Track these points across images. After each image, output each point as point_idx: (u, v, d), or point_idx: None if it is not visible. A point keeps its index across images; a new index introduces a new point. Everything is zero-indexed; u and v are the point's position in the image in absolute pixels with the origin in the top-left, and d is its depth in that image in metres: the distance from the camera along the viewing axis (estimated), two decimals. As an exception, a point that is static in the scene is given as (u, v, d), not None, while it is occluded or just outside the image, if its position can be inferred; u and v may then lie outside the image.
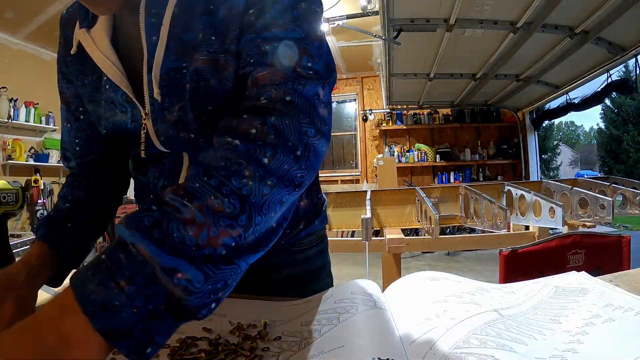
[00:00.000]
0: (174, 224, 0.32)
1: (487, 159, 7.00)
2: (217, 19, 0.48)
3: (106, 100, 0.57)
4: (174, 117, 0.53)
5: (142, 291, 0.30)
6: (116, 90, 0.55)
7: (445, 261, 5.09)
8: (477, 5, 3.29)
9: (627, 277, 0.55)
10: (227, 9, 0.48)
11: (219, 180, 0.34)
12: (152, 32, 0.50)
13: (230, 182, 0.34)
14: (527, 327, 0.42)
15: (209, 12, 0.49)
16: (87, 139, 0.66)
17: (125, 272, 0.30)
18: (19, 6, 3.92)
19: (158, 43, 0.50)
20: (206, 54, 0.49)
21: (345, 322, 0.45)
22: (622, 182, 2.32)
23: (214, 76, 0.49)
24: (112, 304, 0.29)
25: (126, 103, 0.55)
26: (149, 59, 0.51)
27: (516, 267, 1.20)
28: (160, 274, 0.31)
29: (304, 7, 0.45)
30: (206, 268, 0.32)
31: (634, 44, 3.78)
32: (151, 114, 0.54)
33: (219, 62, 0.49)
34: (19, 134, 4.60)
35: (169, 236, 0.31)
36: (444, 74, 5.10)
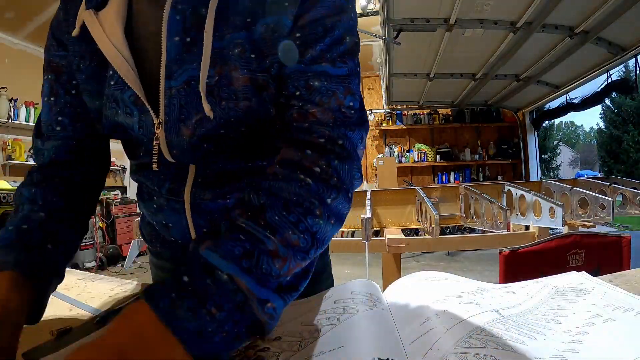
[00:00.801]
0: (263, 257, 0.34)
1: (487, 159, 7.00)
2: (255, 35, 0.45)
3: (108, 97, 0.51)
4: (190, 131, 0.49)
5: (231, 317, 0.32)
6: (123, 89, 0.49)
7: (445, 261, 5.09)
8: (477, 5, 3.29)
9: (627, 277, 0.55)
10: (266, 27, 0.45)
11: (296, 217, 0.37)
12: (175, 32, 0.46)
13: (305, 220, 0.38)
14: (527, 327, 0.42)
15: (246, 26, 0.45)
16: (75, 118, 0.55)
17: (215, 299, 0.31)
18: (19, 6, 3.92)
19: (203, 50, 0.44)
20: (246, 72, 0.46)
21: (345, 322, 0.45)
22: (622, 182, 2.32)
23: (255, 96, 0.47)
24: (206, 331, 0.30)
25: (133, 105, 0.50)
26: (169, 62, 0.46)
27: (516, 267, 1.20)
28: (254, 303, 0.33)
29: (349, 40, 0.46)
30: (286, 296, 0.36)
31: (634, 44, 3.78)
32: (164, 124, 0.49)
33: (258, 81, 0.46)
34: (19, 134, 4.60)
35: (258, 267, 0.34)
36: (444, 74, 5.10)
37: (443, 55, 4.36)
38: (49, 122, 0.55)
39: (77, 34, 0.50)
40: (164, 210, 0.59)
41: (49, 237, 0.48)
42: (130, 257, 3.00)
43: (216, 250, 0.34)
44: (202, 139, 0.49)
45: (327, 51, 0.45)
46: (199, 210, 0.56)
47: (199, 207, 0.56)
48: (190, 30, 0.46)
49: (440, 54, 4.33)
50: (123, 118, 0.51)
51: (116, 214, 5.22)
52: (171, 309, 0.30)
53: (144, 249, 5.31)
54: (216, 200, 0.55)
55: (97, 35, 0.48)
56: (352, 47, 0.47)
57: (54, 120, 0.55)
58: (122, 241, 5.14)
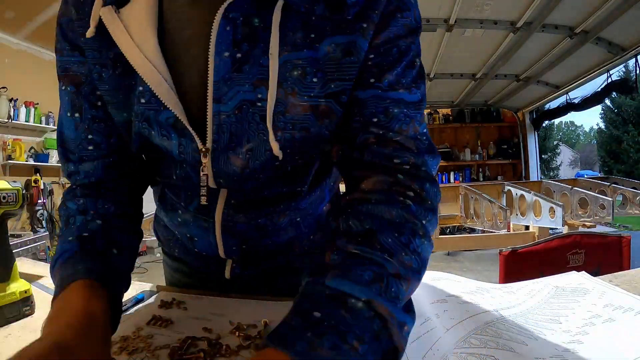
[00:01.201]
0: (392, 280, 0.33)
1: (487, 159, 7.01)
2: (320, 55, 0.39)
3: (138, 115, 0.43)
4: (241, 161, 0.44)
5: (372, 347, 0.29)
6: (159, 110, 0.41)
7: (445, 261, 5.09)
8: (477, 5, 3.29)
9: (627, 277, 0.55)
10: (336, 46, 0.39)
11: (407, 239, 0.36)
12: (224, 45, 0.38)
13: (414, 240, 0.36)
14: (527, 327, 0.42)
15: (309, 44, 0.39)
16: (107, 134, 0.48)
17: (355, 331, 0.29)
18: (19, 6, 3.92)
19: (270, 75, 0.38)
20: (307, 99, 0.40)
21: (345, 322, 0.45)
22: (622, 182, 2.32)
23: (314, 125, 0.42)
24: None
25: (172, 128, 0.43)
26: (217, 83, 0.39)
27: (516, 267, 1.20)
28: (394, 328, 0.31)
29: (418, 63, 0.44)
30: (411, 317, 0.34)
31: (634, 44, 3.78)
32: (212, 152, 0.43)
33: (320, 108, 0.41)
34: (19, 134, 4.60)
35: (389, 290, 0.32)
36: (444, 74, 5.11)
37: (443, 55, 4.36)
38: (79, 142, 0.48)
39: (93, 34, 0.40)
40: (189, 225, 0.56)
41: (112, 244, 0.45)
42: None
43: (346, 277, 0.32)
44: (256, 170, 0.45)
45: (402, 76, 0.42)
46: (230, 230, 0.53)
47: (231, 228, 0.53)
48: (241, 44, 0.39)
49: (440, 54, 4.33)
50: (159, 140, 0.45)
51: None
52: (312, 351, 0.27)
53: (144, 248, 5.32)
54: (249, 222, 0.53)
55: (121, 41, 0.39)
56: (422, 71, 0.45)
57: (84, 140, 0.48)
58: (122, 241, 5.14)
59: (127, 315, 0.55)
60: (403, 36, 0.41)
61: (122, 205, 0.49)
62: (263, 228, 0.54)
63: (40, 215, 4.54)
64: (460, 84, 5.57)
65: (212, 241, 0.55)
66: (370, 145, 0.42)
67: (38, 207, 4.52)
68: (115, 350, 0.44)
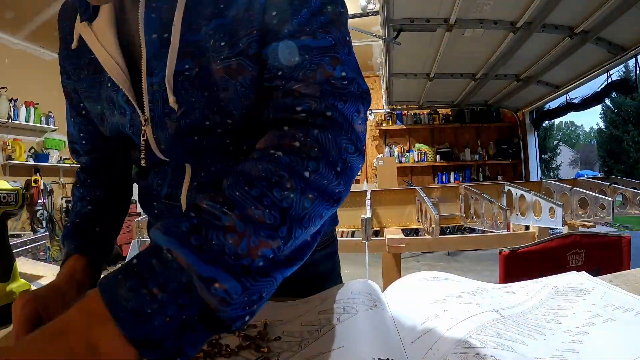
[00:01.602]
0: (213, 232, 0.31)
1: (487, 159, 7.00)
2: (227, 20, 0.44)
3: (106, 99, 0.54)
4: (175, 124, 0.50)
5: (176, 300, 0.29)
6: (117, 90, 0.51)
7: (445, 261, 5.09)
8: (477, 5, 3.29)
9: (627, 277, 0.55)
10: (238, 8, 0.44)
11: (260, 191, 0.33)
12: (152, 29, 0.47)
13: (271, 194, 0.34)
14: (527, 327, 0.42)
15: (219, 12, 0.44)
16: (92, 136, 0.65)
17: (158, 279, 0.29)
18: (19, 6, 3.92)
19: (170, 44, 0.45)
20: (219, 62, 0.45)
21: (345, 322, 0.45)
22: (622, 182, 2.32)
23: (230, 85, 0.46)
24: (144, 312, 0.28)
25: (126, 105, 0.52)
26: (149, 60, 0.48)
27: (516, 267, 1.20)
28: (197, 282, 0.29)
29: (330, 10, 0.43)
30: (244, 279, 0.31)
31: (634, 44, 3.78)
32: (151, 121, 0.51)
33: (231, 67, 0.45)
34: (19, 134, 4.60)
35: (208, 244, 0.30)
36: (444, 74, 5.10)
37: (443, 55, 4.36)
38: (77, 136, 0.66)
39: (76, 47, 0.53)
40: (164, 215, 0.61)
41: (96, 223, 0.63)
42: (130, 257, 3.00)
43: (160, 228, 0.32)
44: (188, 132, 0.50)
45: (305, 24, 0.41)
46: None
47: None
48: (167, 26, 0.46)
49: (440, 54, 4.33)
50: (118, 118, 0.54)
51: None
52: (114, 288, 0.29)
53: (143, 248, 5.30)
54: None
55: (92, 45, 0.51)
56: (336, 17, 0.43)
57: (79, 137, 0.65)
58: (122, 241, 5.14)
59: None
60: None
61: (108, 189, 0.67)
62: None
63: (40, 215, 4.54)
64: (460, 84, 5.57)
65: None
66: (277, 99, 0.41)
67: (38, 207, 4.53)
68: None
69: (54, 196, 4.83)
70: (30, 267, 0.88)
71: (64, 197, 4.90)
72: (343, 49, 0.43)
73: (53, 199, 4.80)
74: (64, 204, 4.83)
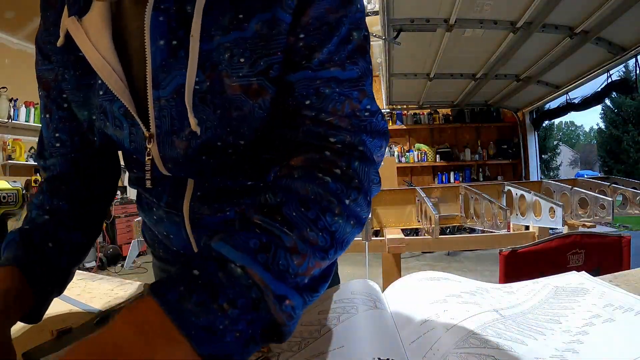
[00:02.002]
0: (280, 251, 0.32)
1: (487, 159, 7.01)
2: (248, 33, 0.40)
3: (97, 107, 0.47)
4: (184, 143, 0.45)
5: (245, 315, 0.29)
6: (112, 100, 0.45)
7: (445, 261, 5.09)
8: (477, 5, 3.29)
9: (627, 277, 0.55)
10: (262, 24, 0.40)
11: (315, 214, 0.35)
12: (158, 34, 0.41)
13: (324, 218, 0.36)
14: (527, 327, 0.42)
15: (238, 23, 0.40)
16: (71, 132, 0.54)
17: (228, 294, 0.29)
18: (19, 6, 3.92)
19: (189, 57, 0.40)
20: (235, 79, 0.42)
21: (345, 323, 0.45)
22: (622, 182, 2.32)
23: (247, 105, 0.43)
24: (217, 328, 0.27)
25: (123, 117, 0.46)
26: (155, 69, 0.42)
27: (516, 267, 1.20)
28: (270, 299, 0.30)
29: (356, 37, 0.42)
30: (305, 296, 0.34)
31: (634, 44, 3.78)
32: (156, 137, 0.46)
33: (251, 87, 0.42)
34: (19, 134, 4.60)
35: (275, 262, 0.31)
36: (444, 74, 5.11)
37: (443, 55, 4.36)
38: (49, 139, 0.55)
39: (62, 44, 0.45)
40: (164, 222, 0.58)
41: (49, 237, 0.48)
42: (130, 257, 3.00)
43: (229, 242, 0.31)
44: (198, 152, 0.46)
45: (334, 53, 0.41)
46: (198, 224, 0.54)
47: (198, 222, 0.54)
48: (176, 32, 0.41)
49: (440, 54, 4.33)
50: (112, 131, 0.48)
51: (116, 214, 5.22)
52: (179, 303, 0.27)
53: (144, 249, 5.31)
54: (216, 214, 0.53)
55: (82, 44, 0.43)
56: (361, 43, 0.43)
57: (52, 137, 0.54)
58: (122, 241, 5.15)
59: (127, 315, 0.54)
60: (333, 10, 0.41)
61: (76, 203, 0.54)
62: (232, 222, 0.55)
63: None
64: (460, 84, 5.57)
65: (184, 237, 0.56)
66: (305, 125, 0.42)
67: (38, 207, 4.53)
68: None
69: (54, 196, 4.84)
70: (30, 267, 0.88)
71: (64, 197, 4.91)
72: (367, 79, 0.43)
73: (53, 199, 4.81)
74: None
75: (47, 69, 0.52)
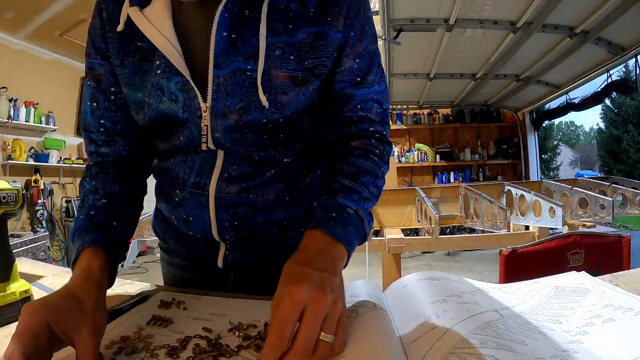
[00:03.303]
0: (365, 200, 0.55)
1: (487, 159, 7.01)
2: (296, 40, 0.54)
3: (153, 85, 0.56)
4: (236, 117, 0.56)
5: (357, 232, 0.52)
6: (170, 76, 0.54)
7: (445, 261, 5.09)
8: (477, 5, 3.29)
9: (627, 277, 0.55)
10: (308, 34, 0.55)
11: (374, 179, 0.59)
12: (223, 28, 0.53)
13: (377, 180, 0.60)
14: (527, 327, 0.42)
15: (288, 31, 0.54)
16: (116, 122, 0.62)
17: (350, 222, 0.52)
18: (19, 6, 3.92)
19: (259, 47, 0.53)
20: (285, 70, 0.55)
21: (345, 322, 0.45)
22: (622, 182, 2.32)
23: (292, 91, 0.56)
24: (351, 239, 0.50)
25: (179, 92, 0.55)
26: (217, 54, 0.53)
27: (516, 267, 1.20)
28: (366, 224, 0.54)
29: (379, 59, 0.63)
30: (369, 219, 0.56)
31: (634, 44, 3.78)
32: (211, 109, 0.55)
33: (297, 78, 0.56)
34: (19, 134, 4.59)
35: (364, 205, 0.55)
36: (444, 74, 5.11)
37: (443, 55, 4.36)
38: (94, 124, 0.63)
39: (122, 29, 0.55)
40: (185, 204, 0.63)
41: (112, 217, 0.58)
42: (130, 257, 3.00)
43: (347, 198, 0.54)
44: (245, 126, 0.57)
45: (376, 74, 0.62)
46: (223, 203, 0.62)
47: (223, 201, 0.62)
48: (236, 28, 0.53)
49: (440, 54, 4.33)
50: (168, 105, 0.56)
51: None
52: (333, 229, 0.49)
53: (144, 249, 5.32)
54: (241, 194, 0.62)
55: (145, 29, 0.53)
56: (381, 65, 0.64)
57: (97, 123, 0.62)
58: (122, 241, 5.15)
59: (127, 315, 0.55)
60: (372, 43, 0.61)
61: (125, 184, 0.63)
62: (254, 205, 0.63)
63: (40, 215, 4.54)
64: (460, 84, 5.57)
65: (206, 218, 0.63)
66: (356, 121, 0.63)
67: (38, 207, 4.52)
68: (115, 350, 0.45)
69: (54, 196, 4.83)
70: (30, 267, 0.88)
71: (64, 197, 4.90)
72: (387, 89, 0.65)
73: (53, 199, 4.80)
74: (64, 204, 4.83)
75: (99, 64, 0.60)
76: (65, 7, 3.92)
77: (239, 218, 0.63)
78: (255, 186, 0.62)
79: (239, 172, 0.61)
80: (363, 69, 0.60)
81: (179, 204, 0.64)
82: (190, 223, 0.65)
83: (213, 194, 0.61)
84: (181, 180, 0.62)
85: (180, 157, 0.61)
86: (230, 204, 0.62)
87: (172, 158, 0.63)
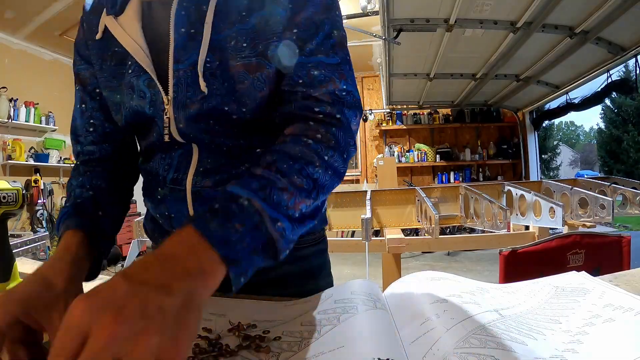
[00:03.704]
0: (275, 190, 0.43)
1: (487, 159, 7.00)
2: (249, 26, 0.54)
3: (126, 85, 0.59)
4: (197, 106, 0.56)
5: (250, 232, 0.39)
6: (139, 75, 0.57)
7: (445, 261, 5.09)
8: (477, 5, 3.29)
9: (627, 277, 0.55)
10: (260, 18, 0.54)
11: (300, 166, 0.47)
12: (181, 24, 0.55)
13: (307, 168, 0.48)
14: (527, 327, 0.42)
15: (241, 19, 0.54)
16: (103, 121, 0.66)
17: (239, 218, 0.39)
18: (19, 6, 3.92)
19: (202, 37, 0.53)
20: (239, 59, 0.54)
21: (345, 323, 0.45)
22: (622, 182, 2.32)
23: (248, 78, 0.55)
24: (230, 240, 0.38)
25: (147, 88, 0.57)
26: (176, 49, 0.55)
27: (516, 267, 1.20)
28: (268, 221, 0.41)
29: (337, 34, 0.56)
30: (294, 224, 0.45)
31: (634, 44, 3.78)
32: (173, 101, 0.57)
33: (251, 64, 0.54)
34: (19, 134, 4.60)
35: (271, 198, 0.43)
36: (444, 74, 5.10)
37: (443, 55, 4.36)
38: (83, 125, 0.66)
39: (100, 37, 0.59)
40: (166, 200, 0.64)
41: (99, 208, 0.59)
42: (130, 257, 3.00)
43: (238, 184, 0.43)
44: (207, 114, 0.57)
45: (321, 45, 0.54)
46: (200, 198, 0.62)
47: (200, 195, 0.61)
48: (194, 23, 0.54)
49: (440, 54, 4.33)
50: (137, 102, 0.59)
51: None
52: (206, 224, 0.38)
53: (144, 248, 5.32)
54: (216, 187, 0.61)
55: (118, 34, 0.57)
56: (340, 40, 0.56)
57: (87, 123, 0.66)
58: (122, 241, 5.14)
59: (127, 315, 0.54)
60: (319, 13, 0.55)
61: (111, 182, 0.65)
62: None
63: (40, 215, 4.54)
64: (460, 84, 5.57)
65: (186, 214, 0.63)
66: (297, 100, 0.55)
67: (38, 207, 4.52)
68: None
69: (54, 196, 4.83)
70: (30, 267, 0.88)
71: (64, 197, 4.90)
72: (346, 66, 0.57)
73: (53, 199, 4.80)
74: (64, 204, 4.84)
75: (84, 68, 0.65)
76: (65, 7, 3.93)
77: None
78: (229, 179, 0.61)
79: (213, 166, 0.60)
80: (302, 38, 0.54)
81: (161, 201, 0.65)
82: (172, 220, 0.65)
83: (189, 189, 0.61)
84: (161, 178, 0.63)
85: (161, 155, 0.63)
86: (207, 198, 0.61)
87: (153, 156, 0.64)
